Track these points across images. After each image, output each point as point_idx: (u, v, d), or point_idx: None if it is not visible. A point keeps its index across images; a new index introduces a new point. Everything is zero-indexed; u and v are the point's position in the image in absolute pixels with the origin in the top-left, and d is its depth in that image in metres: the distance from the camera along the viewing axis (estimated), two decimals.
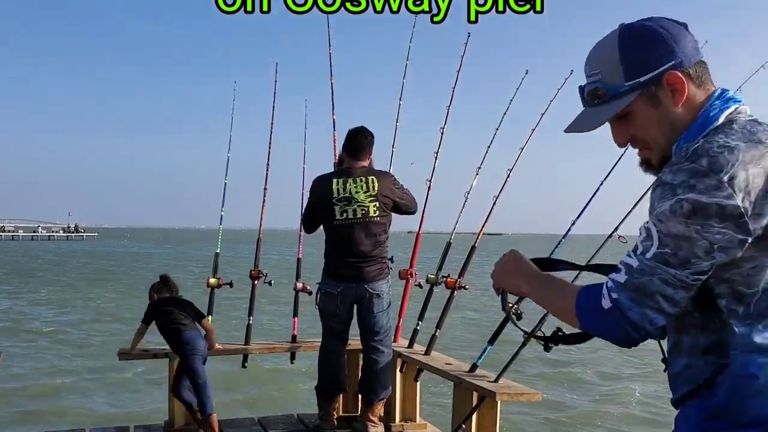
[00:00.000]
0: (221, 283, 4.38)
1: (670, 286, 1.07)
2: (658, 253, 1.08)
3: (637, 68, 1.18)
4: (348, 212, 3.83)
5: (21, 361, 10.66)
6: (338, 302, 3.88)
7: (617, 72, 1.19)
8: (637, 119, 1.21)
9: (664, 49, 1.18)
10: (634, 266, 1.10)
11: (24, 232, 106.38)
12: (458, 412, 3.58)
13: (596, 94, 1.22)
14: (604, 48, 1.22)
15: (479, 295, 20.63)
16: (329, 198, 3.85)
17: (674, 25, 1.20)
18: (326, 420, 4.01)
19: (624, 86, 1.19)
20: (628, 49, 1.19)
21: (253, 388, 9.20)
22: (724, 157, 1.05)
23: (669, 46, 1.18)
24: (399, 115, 4.80)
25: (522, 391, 3.36)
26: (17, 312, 16.95)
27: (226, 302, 12.49)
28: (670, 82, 1.18)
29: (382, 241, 3.91)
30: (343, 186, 3.86)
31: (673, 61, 1.18)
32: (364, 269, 3.84)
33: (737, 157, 1.05)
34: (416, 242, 4.47)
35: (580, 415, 8.17)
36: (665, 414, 8.24)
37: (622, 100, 1.19)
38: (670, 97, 1.18)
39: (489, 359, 3.64)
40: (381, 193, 3.87)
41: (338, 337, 3.99)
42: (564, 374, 10.38)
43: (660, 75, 1.17)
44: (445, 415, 4.11)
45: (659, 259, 1.08)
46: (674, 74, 1.17)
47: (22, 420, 7.65)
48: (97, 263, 39.12)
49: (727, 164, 1.04)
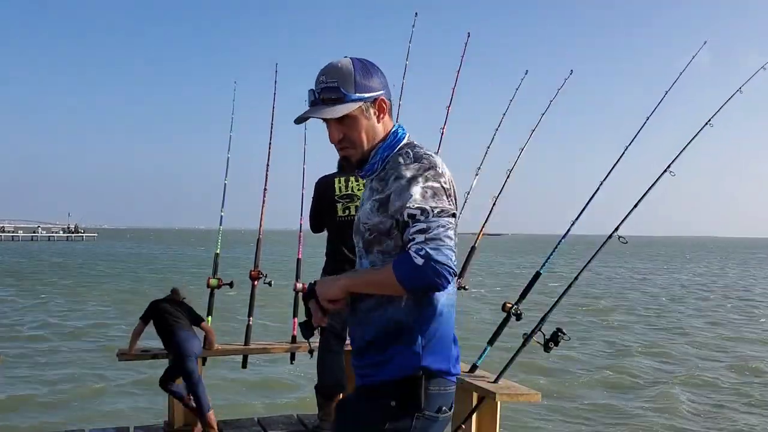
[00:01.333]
0: (221, 284, 4.39)
1: (449, 228, 1.56)
2: (432, 213, 1.55)
3: (364, 87, 1.67)
4: (350, 209, 3.88)
5: (21, 362, 10.66)
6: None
7: (351, 85, 1.65)
8: (354, 123, 1.68)
9: (380, 82, 1.70)
10: (424, 227, 1.53)
11: (24, 232, 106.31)
12: (458, 412, 3.57)
13: (334, 97, 1.65)
14: (343, 67, 1.67)
15: (479, 295, 20.65)
16: (332, 196, 3.90)
17: (381, 72, 1.72)
18: (326, 420, 4.01)
19: (354, 96, 1.66)
20: (361, 73, 1.67)
21: (253, 389, 9.19)
22: (434, 159, 1.65)
23: (383, 81, 1.72)
24: (398, 115, 4.81)
25: (522, 392, 3.35)
26: (17, 312, 16.94)
27: (224, 303, 12.48)
28: (379, 105, 1.70)
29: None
30: (345, 184, 3.91)
31: (383, 92, 1.71)
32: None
33: (438, 160, 1.66)
34: None
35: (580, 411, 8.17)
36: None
37: (351, 105, 1.66)
38: (376, 115, 1.70)
39: (488, 359, 3.63)
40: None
41: (337, 336, 3.99)
42: (565, 374, 10.38)
43: (376, 97, 1.69)
44: None
45: (436, 214, 1.55)
46: (383, 100, 1.71)
47: (23, 421, 7.65)
48: (95, 264, 39.10)
49: (438, 163, 1.65)
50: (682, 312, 19.13)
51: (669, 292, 25.49)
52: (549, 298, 4.55)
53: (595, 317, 17.28)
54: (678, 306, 20.75)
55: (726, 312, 19.49)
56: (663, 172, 3.52)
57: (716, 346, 13.38)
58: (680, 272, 39.46)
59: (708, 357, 12.26)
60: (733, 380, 10.26)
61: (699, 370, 10.97)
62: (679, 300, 22.64)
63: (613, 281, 30.27)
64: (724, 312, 19.47)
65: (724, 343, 13.74)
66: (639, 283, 29.79)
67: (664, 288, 27.66)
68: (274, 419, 4.44)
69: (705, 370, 11.00)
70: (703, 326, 16.31)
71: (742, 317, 18.35)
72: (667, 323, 16.72)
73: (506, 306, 3.53)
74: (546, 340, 3.26)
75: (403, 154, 1.66)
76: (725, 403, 8.91)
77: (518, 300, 3.55)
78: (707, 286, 29.46)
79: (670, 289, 27.35)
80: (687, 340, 13.99)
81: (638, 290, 26.18)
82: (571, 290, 3.50)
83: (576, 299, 19.52)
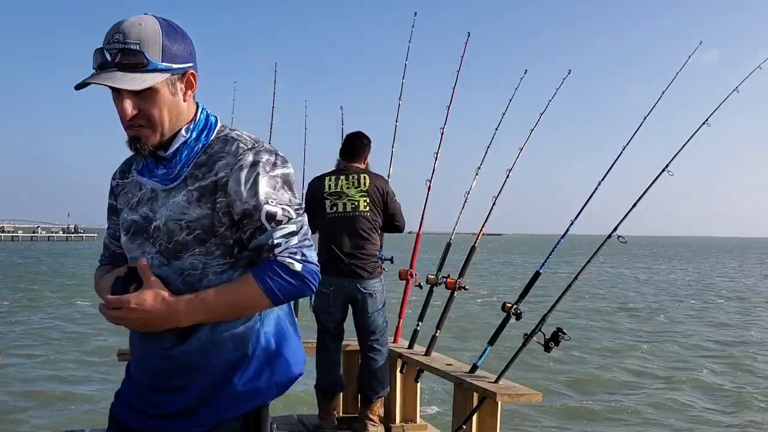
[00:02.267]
0: None
1: (308, 226, 1.42)
2: (293, 210, 1.39)
3: (172, 55, 1.34)
4: (338, 206, 3.90)
5: (21, 362, 10.66)
6: (330, 301, 3.91)
7: (158, 51, 1.32)
8: (156, 98, 1.34)
9: (190, 51, 1.40)
10: (293, 228, 1.37)
11: (24, 232, 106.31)
12: (459, 412, 3.58)
13: (134, 62, 1.30)
14: (146, 26, 1.32)
15: (479, 295, 20.64)
16: (321, 193, 3.93)
17: (190, 39, 1.41)
18: (326, 419, 4.02)
19: (162, 65, 1.33)
20: (170, 37, 1.34)
21: None
22: (268, 144, 1.42)
23: (193, 51, 1.41)
24: (398, 115, 4.82)
25: (522, 392, 3.35)
26: (17, 312, 16.95)
27: None
28: (188, 79, 1.40)
29: (373, 239, 3.94)
30: (335, 182, 3.94)
31: (192, 63, 1.40)
32: (354, 265, 3.87)
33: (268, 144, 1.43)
34: (416, 242, 4.47)
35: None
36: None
37: (157, 76, 1.33)
38: (183, 91, 1.39)
39: (489, 359, 3.64)
40: (371, 190, 3.93)
41: (332, 334, 4.01)
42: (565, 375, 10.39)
43: (186, 69, 1.38)
44: (446, 416, 4.12)
45: (296, 210, 1.39)
46: (194, 74, 1.41)
47: (23, 421, 7.65)
48: (95, 264, 39.04)
49: (273, 148, 1.41)
50: (684, 313, 19.13)
51: (682, 292, 25.49)
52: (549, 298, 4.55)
53: (597, 317, 17.28)
54: (677, 306, 20.75)
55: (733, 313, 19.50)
56: (661, 171, 3.53)
57: (720, 348, 13.38)
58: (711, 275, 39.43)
59: (709, 358, 12.26)
60: (740, 380, 10.26)
61: (700, 370, 10.97)
62: (682, 299, 22.65)
63: (615, 281, 30.27)
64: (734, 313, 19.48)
65: (731, 344, 13.73)
66: (642, 284, 29.79)
67: (673, 286, 27.67)
68: (274, 419, 4.43)
69: (707, 370, 11.00)
70: (711, 327, 16.31)
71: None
72: (666, 324, 16.73)
73: (506, 306, 3.54)
74: (546, 340, 3.27)
75: (235, 138, 1.41)
76: (727, 403, 8.92)
77: (518, 300, 3.55)
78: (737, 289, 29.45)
79: (686, 289, 27.36)
80: (687, 340, 14.00)
81: (638, 291, 26.17)
82: (571, 290, 3.51)
83: (576, 299, 19.52)
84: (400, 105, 4.83)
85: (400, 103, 4.83)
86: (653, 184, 3.52)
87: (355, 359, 4.29)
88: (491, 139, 4.45)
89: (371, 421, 3.98)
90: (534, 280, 3.58)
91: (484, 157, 4.44)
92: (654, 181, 3.52)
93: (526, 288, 3.60)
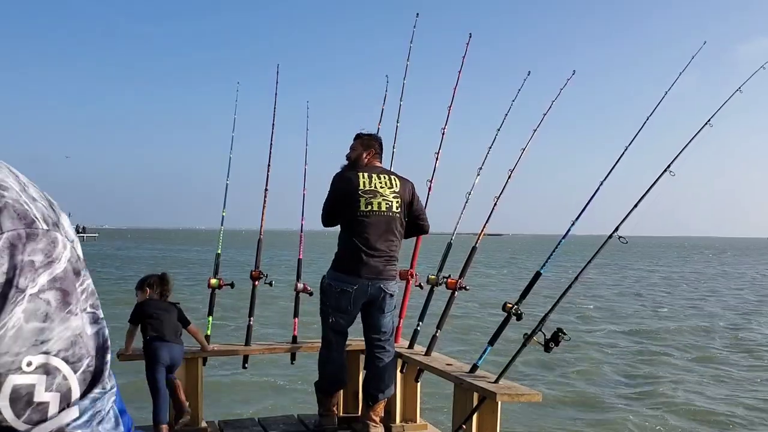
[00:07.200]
0: (222, 284, 4.39)
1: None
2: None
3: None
4: (373, 204, 3.82)
5: None
6: (351, 300, 3.84)
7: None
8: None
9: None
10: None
11: None
12: (459, 412, 3.58)
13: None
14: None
15: (479, 295, 20.63)
16: (355, 189, 3.83)
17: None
18: (327, 416, 4.02)
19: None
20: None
21: (253, 389, 9.19)
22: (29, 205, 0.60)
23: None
24: (399, 115, 4.82)
25: (522, 392, 3.35)
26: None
27: (225, 303, 12.47)
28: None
29: (399, 241, 3.92)
30: (369, 179, 3.87)
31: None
32: (383, 266, 3.82)
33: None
34: (417, 242, 4.47)
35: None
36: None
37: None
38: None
39: (490, 359, 3.64)
40: (402, 193, 3.91)
41: (342, 334, 4.00)
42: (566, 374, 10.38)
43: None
44: (446, 415, 4.11)
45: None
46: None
47: None
48: (94, 263, 39.11)
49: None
50: (686, 313, 19.13)
51: (688, 294, 25.49)
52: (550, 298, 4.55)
53: (599, 317, 17.28)
54: (682, 307, 20.75)
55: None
56: (663, 172, 3.52)
57: (723, 346, 13.38)
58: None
59: (710, 356, 12.25)
60: (746, 375, 10.25)
61: (702, 370, 10.97)
62: (685, 298, 22.65)
63: (617, 281, 30.28)
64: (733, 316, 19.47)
65: (737, 344, 13.73)
66: (644, 284, 29.78)
67: (677, 287, 27.66)
68: (274, 419, 4.44)
69: (709, 371, 11.00)
70: (721, 328, 16.30)
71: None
72: (671, 323, 16.72)
73: (506, 306, 3.54)
74: (546, 340, 3.27)
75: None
76: (729, 403, 8.91)
77: (518, 300, 3.55)
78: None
79: (690, 289, 27.36)
80: (688, 341, 13.99)
81: (639, 290, 26.17)
82: (572, 291, 3.50)
83: (577, 300, 19.51)
84: (401, 105, 4.84)
85: (401, 104, 4.84)
86: (654, 185, 3.52)
87: (357, 359, 4.30)
88: (493, 139, 4.45)
89: (373, 422, 3.98)
90: (535, 280, 3.58)
91: (485, 157, 4.44)
92: (656, 182, 3.52)
93: (527, 288, 3.60)
